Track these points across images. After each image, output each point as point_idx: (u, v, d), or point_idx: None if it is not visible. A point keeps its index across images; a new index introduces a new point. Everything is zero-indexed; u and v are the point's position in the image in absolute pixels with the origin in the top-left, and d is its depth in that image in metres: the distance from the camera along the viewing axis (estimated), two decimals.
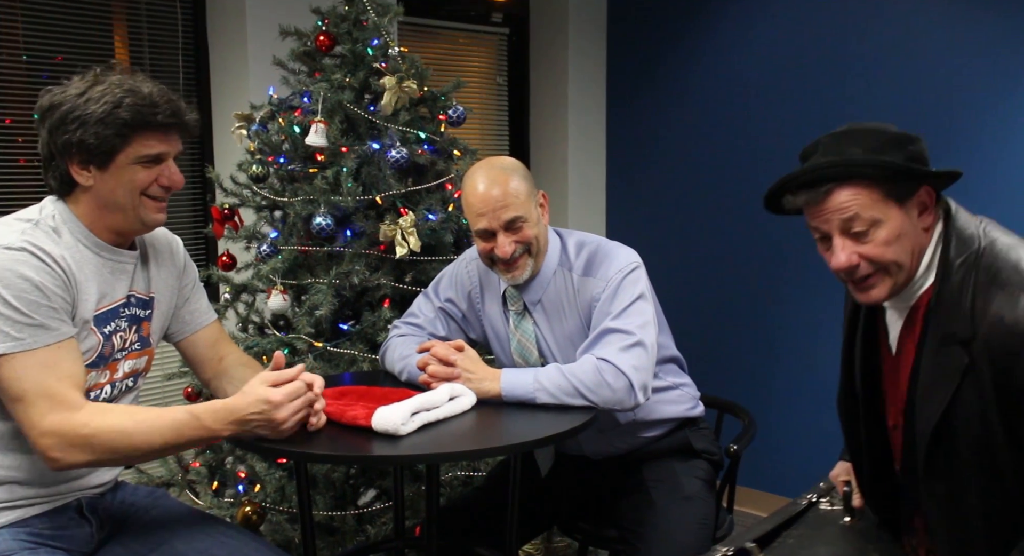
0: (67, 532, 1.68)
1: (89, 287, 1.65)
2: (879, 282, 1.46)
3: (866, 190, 1.41)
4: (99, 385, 1.71)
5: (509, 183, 1.94)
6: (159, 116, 1.63)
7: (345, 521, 2.46)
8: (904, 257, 1.44)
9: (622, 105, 4.43)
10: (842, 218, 1.43)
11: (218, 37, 3.46)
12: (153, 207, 1.69)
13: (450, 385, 1.87)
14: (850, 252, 1.44)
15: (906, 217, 1.44)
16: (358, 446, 1.70)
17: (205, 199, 3.43)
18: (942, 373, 1.39)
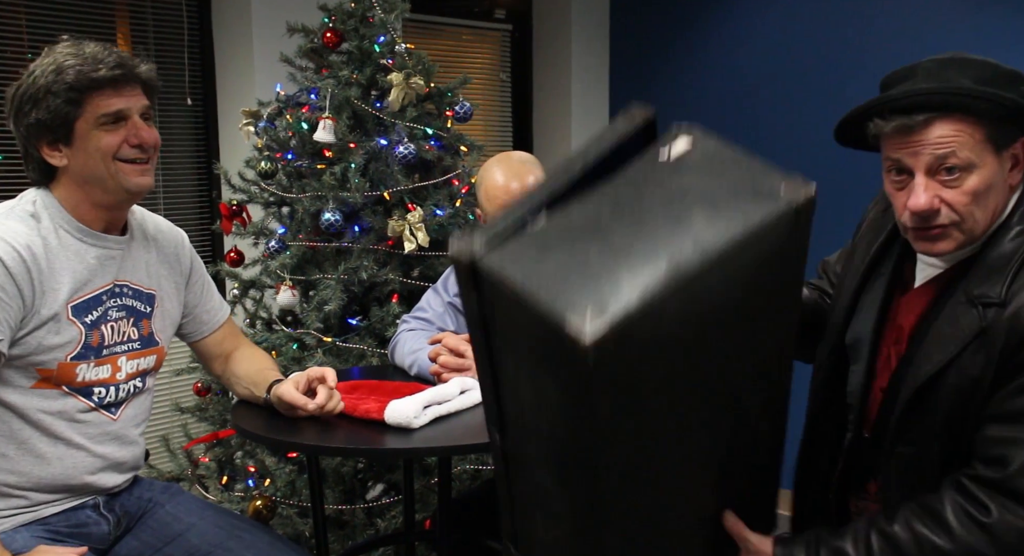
0: (85, 529, 1.68)
1: (62, 277, 1.58)
2: (950, 235, 1.31)
3: (970, 128, 1.26)
4: (99, 381, 1.66)
5: (529, 176, 2.00)
6: (102, 70, 1.55)
7: (355, 515, 2.47)
8: (985, 212, 1.30)
9: (625, 100, 4.44)
10: (936, 154, 1.26)
11: (224, 34, 3.47)
12: (131, 170, 1.60)
13: (461, 379, 1.88)
14: (932, 194, 1.28)
15: (999, 168, 1.29)
16: (370, 439, 1.71)
17: (212, 195, 3.44)
18: (953, 331, 1.29)
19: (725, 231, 1.03)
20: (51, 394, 1.61)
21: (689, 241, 1.01)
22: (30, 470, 1.61)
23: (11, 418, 1.59)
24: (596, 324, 0.94)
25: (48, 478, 1.63)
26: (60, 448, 1.63)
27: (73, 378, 1.62)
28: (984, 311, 1.26)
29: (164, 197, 3.37)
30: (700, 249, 1.01)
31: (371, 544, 2.32)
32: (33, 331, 1.56)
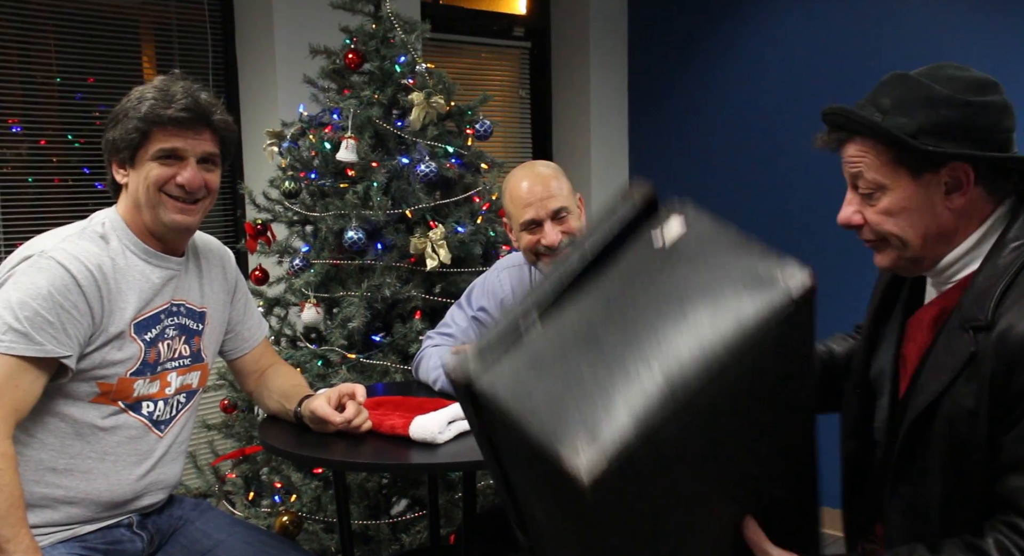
0: (120, 547, 1.72)
1: (128, 296, 1.65)
2: (883, 249, 1.31)
3: (874, 150, 1.26)
4: (150, 396, 1.72)
5: (552, 180, 2.04)
6: (171, 111, 1.63)
7: (380, 530, 2.49)
8: (910, 234, 1.27)
9: (644, 117, 4.46)
10: (851, 172, 1.29)
11: (247, 56, 3.52)
12: (173, 206, 1.67)
13: None
14: (854, 209, 1.30)
15: (919, 192, 1.25)
16: (395, 454, 1.74)
17: (236, 214, 3.49)
18: (948, 359, 1.24)
19: (724, 337, 0.96)
20: (107, 410, 1.67)
21: (686, 351, 0.95)
22: (76, 485, 1.65)
23: (66, 432, 1.64)
24: (592, 459, 0.88)
25: (94, 494, 1.67)
26: (107, 464, 1.68)
27: (130, 394, 1.68)
28: (974, 335, 1.21)
29: None
30: (698, 361, 0.94)
31: None
32: (100, 348, 1.63)
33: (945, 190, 1.26)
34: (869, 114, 1.27)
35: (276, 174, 2.75)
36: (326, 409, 1.78)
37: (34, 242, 1.64)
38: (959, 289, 1.29)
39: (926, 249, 1.29)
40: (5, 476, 1.48)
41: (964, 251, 1.29)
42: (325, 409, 1.78)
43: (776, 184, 3.81)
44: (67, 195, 3.23)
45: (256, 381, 2.01)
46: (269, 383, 1.98)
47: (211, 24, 3.49)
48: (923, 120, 1.23)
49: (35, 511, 1.61)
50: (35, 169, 3.17)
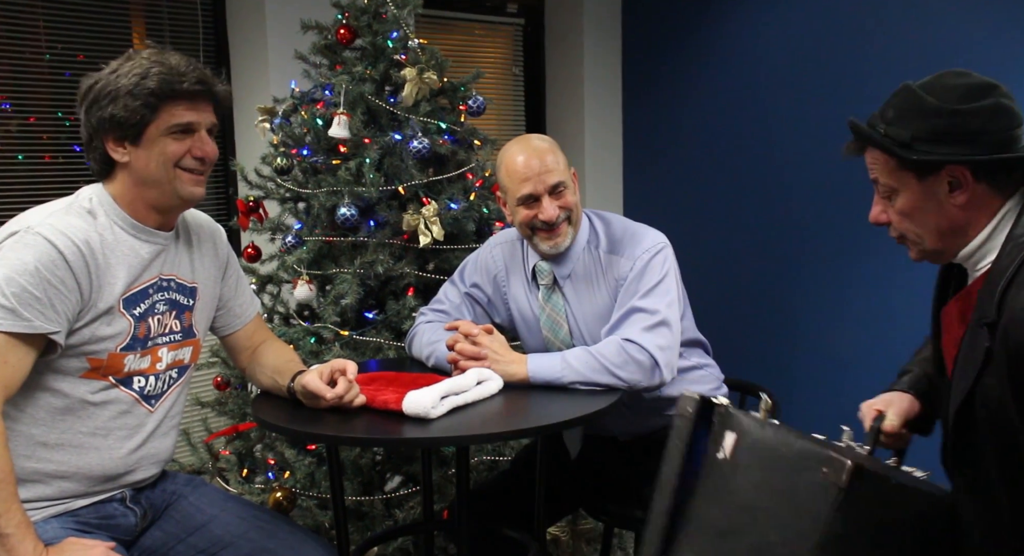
0: (113, 521, 1.72)
1: (117, 271, 1.64)
2: (906, 244, 1.47)
3: (883, 157, 1.42)
4: (141, 371, 1.71)
5: (548, 155, 2.03)
6: (185, 84, 1.63)
7: (373, 506, 2.50)
8: (924, 231, 1.43)
9: (638, 93, 4.44)
10: (872, 177, 1.46)
11: (238, 33, 3.50)
12: (189, 180, 1.68)
13: (478, 370, 1.90)
14: (880, 209, 1.46)
15: (926, 192, 1.40)
16: (388, 429, 1.74)
17: (228, 192, 3.47)
18: (972, 354, 1.35)
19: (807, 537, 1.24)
20: (97, 385, 1.66)
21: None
22: (67, 459, 1.65)
23: (57, 407, 1.64)
24: None
25: (85, 468, 1.67)
26: (98, 439, 1.68)
27: (120, 369, 1.68)
28: (988, 332, 1.31)
29: None
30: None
31: (390, 534, 2.35)
32: (89, 323, 1.62)
33: (948, 189, 1.39)
34: (875, 124, 1.43)
35: (268, 151, 2.73)
36: (318, 384, 1.78)
37: (20, 218, 1.62)
38: (981, 282, 1.39)
39: (943, 242, 1.43)
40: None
41: (980, 242, 1.40)
42: (317, 384, 1.78)
43: (769, 164, 3.80)
44: (58, 172, 3.21)
45: (249, 357, 2.00)
46: (262, 359, 1.98)
47: (201, 0, 3.46)
48: (916, 129, 1.37)
49: (27, 486, 1.61)
50: (25, 146, 3.15)
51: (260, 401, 1.95)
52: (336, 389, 1.78)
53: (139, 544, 1.79)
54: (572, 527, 2.77)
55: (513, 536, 2.08)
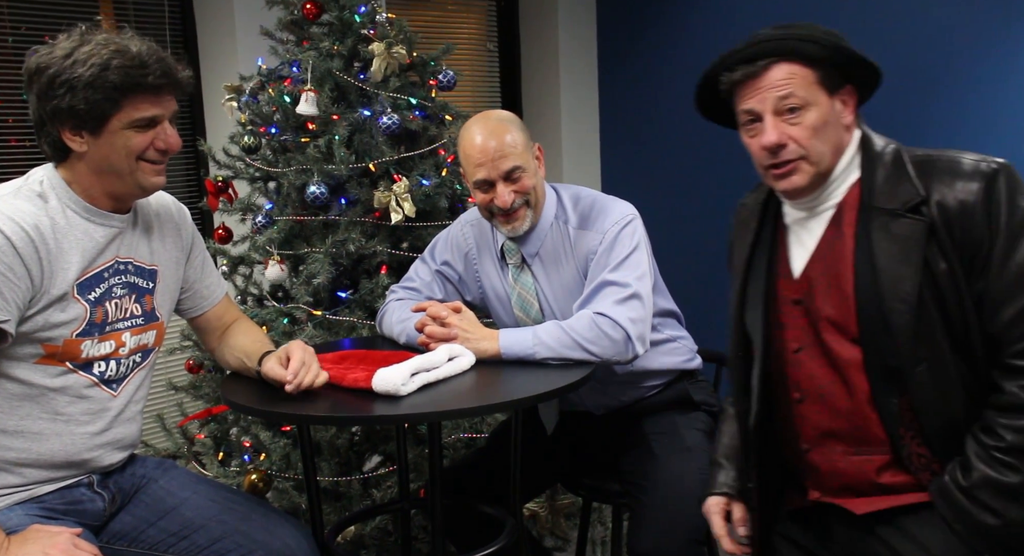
0: (80, 507, 1.69)
1: (71, 256, 1.60)
2: (800, 169, 1.48)
3: (803, 70, 1.46)
4: (102, 356, 1.67)
5: (507, 134, 1.96)
6: (149, 77, 1.57)
7: (351, 486, 2.48)
8: (827, 147, 1.48)
9: (614, 66, 4.41)
10: (777, 95, 1.46)
11: (205, 9, 3.44)
12: (151, 170, 1.64)
13: (448, 346, 1.88)
14: (781, 131, 1.47)
15: (832, 108, 1.48)
16: (360, 408, 1.72)
17: (199, 173, 3.42)
18: (903, 245, 1.42)
19: None
20: (54, 370, 1.62)
21: None
22: (28, 446, 1.62)
23: (13, 393, 1.60)
24: None
25: (47, 455, 1.63)
26: (59, 424, 1.64)
27: (78, 355, 1.63)
28: (916, 214, 1.42)
29: None
30: None
31: (364, 514, 2.33)
32: (42, 310, 1.57)
33: (842, 107, 1.50)
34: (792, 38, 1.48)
35: (236, 130, 2.69)
36: (278, 371, 1.74)
37: None
38: (854, 203, 1.49)
39: (833, 160, 1.50)
40: None
41: (847, 161, 1.51)
42: (277, 371, 1.74)
43: None
44: (25, 156, 3.16)
45: (219, 339, 1.97)
46: (231, 341, 1.95)
47: None
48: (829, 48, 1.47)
49: None
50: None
51: (230, 382, 1.92)
52: (291, 367, 1.73)
53: (108, 529, 1.76)
54: (551, 502, 2.77)
55: (489, 512, 2.07)
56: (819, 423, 1.55)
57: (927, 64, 3.32)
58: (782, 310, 1.58)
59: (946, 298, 1.41)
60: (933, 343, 1.42)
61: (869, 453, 1.51)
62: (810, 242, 1.55)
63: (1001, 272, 1.38)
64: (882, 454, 1.50)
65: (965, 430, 1.43)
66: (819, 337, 1.53)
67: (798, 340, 1.55)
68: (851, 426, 1.51)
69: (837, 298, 1.50)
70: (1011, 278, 1.38)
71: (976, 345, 1.41)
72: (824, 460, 1.55)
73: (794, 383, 1.57)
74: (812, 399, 1.55)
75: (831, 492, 1.56)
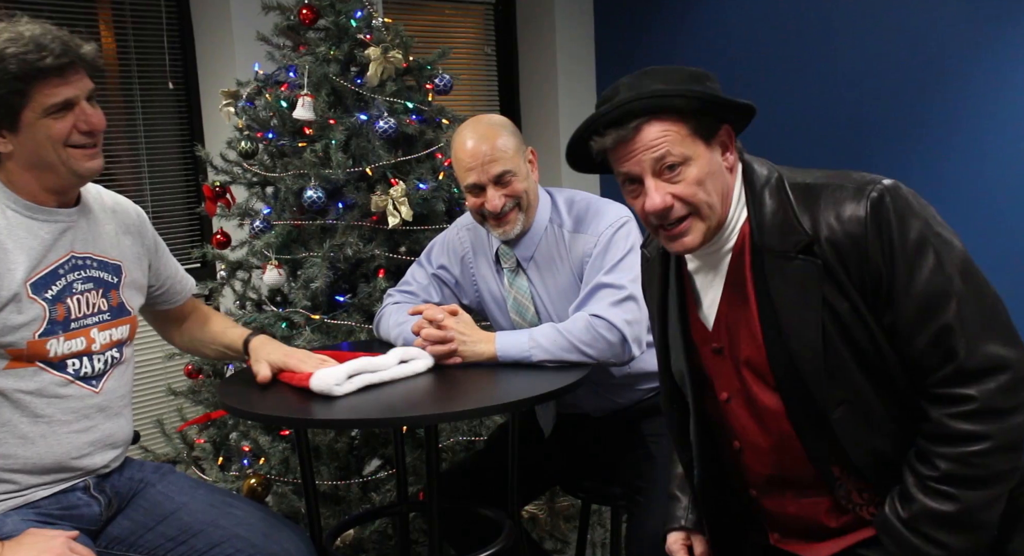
0: (76, 511, 1.69)
1: (15, 256, 1.57)
2: (692, 227, 1.41)
3: (675, 126, 1.38)
4: (75, 353, 1.66)
5: (497, 138, 1.97)
6: (48, 59, 1.49)
7: (350, 490, 2.48)
8: (715, 198, 1.40)
9: (612, 70, 4.42)
10: (653, 156, 1.38)
11: (202, 15, 3.45)
12: (81, 156, 1.59)
13: (404, 349, 1.91)
14: (664, 192, 1.38)
15: (712, 156, 1.41)
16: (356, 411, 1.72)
17: (197, 178, 3.43)
18: (800, 289, 1.35)
19: None
20: (26, 373, 1.61)
21: None
22: (15, 452, 1.61)
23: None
24: None
25: (35, 458, 1.63)
26: (42, 427, 1.63)
27: (45, 354, 1.62)
28: (807, 256, 1.35)
29: (150, 181, 3.36)
30: None
31: (363, 517, 2.33)
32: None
33: (721, 151, 1.42)
34: (648, 95, 1.38)
35: (233, 135, 2.70)
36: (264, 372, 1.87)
37: None
38: (746, 235, 1.42)
39: (724, 209, 1.42)
40: None
41: (735, 203, 1.44)
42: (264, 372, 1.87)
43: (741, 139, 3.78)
44: None
45: (179, 330, 2.03)
46: (198, 333, 2.03)
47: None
48: (705, 88, 1.39)
49: None
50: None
51: (226, 386, 1.93)
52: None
53: (106, 533, 1.76)
54: (550, 505, 2.76)
55: (488, 515, 2.07)
56: (761, 470, 1.50)
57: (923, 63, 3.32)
58: (704, 360, 1.52)
59: (855, 335, 1.34)
60: (849, 382, 1.35)
61: (815, 496, 1.46)
62: (716, 289, 1.48)
63: (906, 301, 1.30)
64: (826, 497, 1.45)
65: (901, 460, 1.37)
66: (744, 385, 1.47)
67: (725, 389, 1.50)
68: (791, 472, 1.46)
69: (752, 346, 1.44)
70: (918, 304, 1.30)
71: (896, 376, 1.35)
72: (775, 505, 1.51)
73: (731, 432, 1.52)
74: (749, 447, 1.50)
75: (789, 535, 1.52)
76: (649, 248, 1.62)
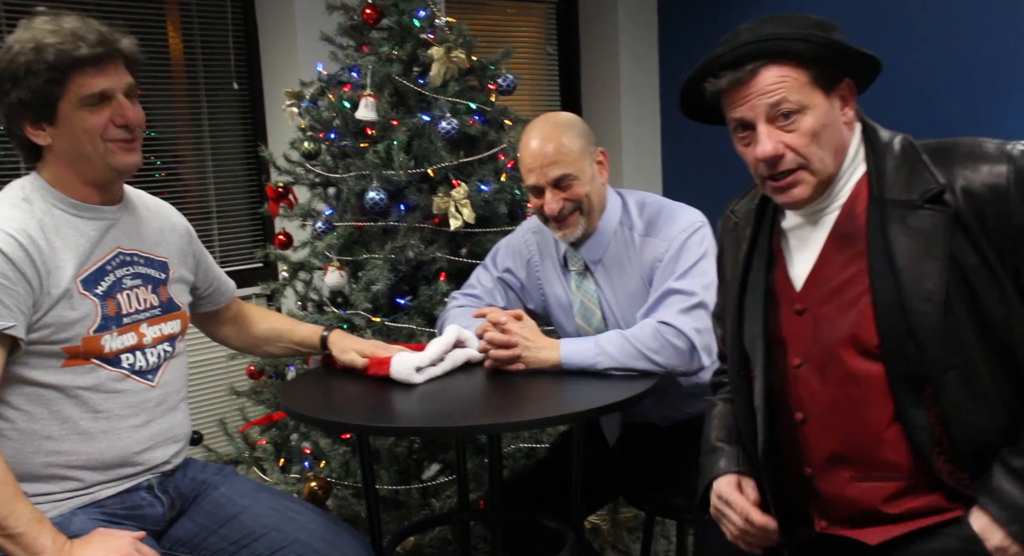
0: (140, 511, 1.69)
1: (64, 254, 1.59)
2: (801, 180, 1.36)
3: (794, 72, 1.33)
4: (127, 348, 1.67)
5: (562, 139, 1.92)
6: (84, 49, 1.52)
7: (410, 495, 2.46)
8: (827, 151, 1.35)
9: (676, 69, 4.34)
10: (768, 102, 1.33)
11: (267, 16, 3.47)
12: (119, 149, 1.60)
13: (455, 327, 1.95)
14: (776, 140, 1.34)
15: (829, 108, 1.35)
16: (418, 418, 1.72)
17: (260, 179, 3.45)
18: (925, 240, 1.28)
19: None
20: (83, 370, 1.62)
21: None
22: (77, 448, 1.62)
23: (50, 398, 1.60)
24: None
25: (97, 454, 1.64)
26: (102, 422, 1.64)
27: (101, 350, 1.63)
28: (936, 204, 1.29)
29: (215, 181, 3.39)
30: None
31: (424, 524, 2.31)
32: (49, 310, 1.57)
33: (841, 105, 1.37)
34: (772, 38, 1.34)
35: (296, 135, 2.70)
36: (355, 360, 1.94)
37: None
38: (865, 187, 1.37)
39: (835, 165, 1.37)
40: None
41: (850, 159, 1.39)
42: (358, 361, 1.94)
43: None
44: None
45: (232, 330, 2.07)
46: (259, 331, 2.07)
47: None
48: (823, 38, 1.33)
49: (46, 481, 1.59)
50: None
51: (289, 389, 1.92)
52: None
53: (170, 535, 1.76)
54: (613, 516, 2.71)
55: (550, 525, 2.02)
56: (824, 446, 1.40)
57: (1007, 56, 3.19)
58: (783, 323, 1.44)
59: (979, 294, 1.26)
60: (963, 347, 1.28)
61: (880, 479, 1.36)
62: (814, 247, 1.41)
63: None
64: (896, 480, 1.35)
65: (1000, 443, 1.29)
66: (826, 351, 1.38)
67: (800, 355, 1.42)
68: (861, 449, 1.37)
69: (849, 306, 1.35)
70: None
71: (1018, 345, 1.27)
72: (831, 486, 1.41)
73: (796, 403, 1.43)
74: (816, 420, 1.41)
75: (838, 522, 1.43)
76: (737, 210, 1.56)
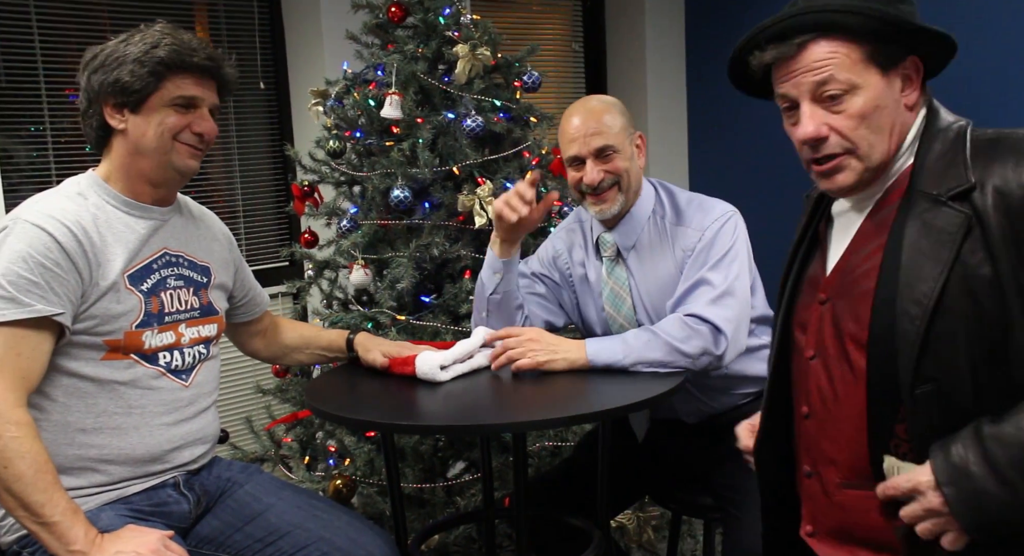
0: (166, 508, 1.71)
1: (115, 248, 1.64)
2: (846, 165, 1.25)
3: (846, 47, 1.21)
4: (165, 346, 1.70)
5: (605, 115, 1.94)
6: (195, 58, 1.64)
7: (435, 493, 2.46)
8: (879, 136, 1.23)
9: (702, 65, 4.30)
10: (814, 80, 1.23)
11: (293, 15, 3.48)
12: (185, 152, 1.68)
13: (485, 329, 1.94)
14: (819, 121, 1.23)
15: (887, 88, 1.23)
16: (443, 417, 1.70)
17: (286, 178, 3.46)
18: (935, 239, 1.18)
19: None
20: (120, 364, 1.65)
21: None
22: (109, 442, 1.64)
23: (87, 391, 1.62)
24: None
25: (128, 449, 1.66)
26: (135, 418, 1.66)
27: (141, 346, 1.66)
28: (960, 203, 1.18)
29: (241, 181, 3.40)
30: None
31: (449, 522, 2.30)
32: (96, 302, 1.60)
33: (902, 85, 1.25)
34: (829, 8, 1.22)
35: (322, 134, 2.70)
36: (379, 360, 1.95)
37: (12, 212, 1.63)
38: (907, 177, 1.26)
39: (888, 151, 1.26)
40: (25, 444, 1.47)
41: (907, 146, 1.27)
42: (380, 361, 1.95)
43: None
44: None
45: (262, 341, 2.09)
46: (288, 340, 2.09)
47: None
48: (894, 9, 1.21)
49: (76, 474, 1.61)
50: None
51: (313, 388, 1.92)
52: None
53: (195, 532, 1.78)
54: (639, 514, 2.69)
55: (576, 524, 2.01)
56: (821, 445, 1.34)
57: None
58: (809, 311, 1.38)
59: (982, 301, 1.15)
60: (947, 361, 1.17)
61: (860, 487, 1.29)
62: (850, 236, 1.33)
63: None
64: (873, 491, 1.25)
65: None
66: (835, 345, 1.31)
67: (813, 347, 1.35)
68: (850, 454, 1.30)
69: (859, 301, 1.28)
70: None
71: (1015, 362, 1.15)
72: (822, 489, 1.35)
73: (803, 395, 1.38)
74: (817, 416, 1.35)
75: (823, 531, 1.36)
76: (814, 189, 1.46)
